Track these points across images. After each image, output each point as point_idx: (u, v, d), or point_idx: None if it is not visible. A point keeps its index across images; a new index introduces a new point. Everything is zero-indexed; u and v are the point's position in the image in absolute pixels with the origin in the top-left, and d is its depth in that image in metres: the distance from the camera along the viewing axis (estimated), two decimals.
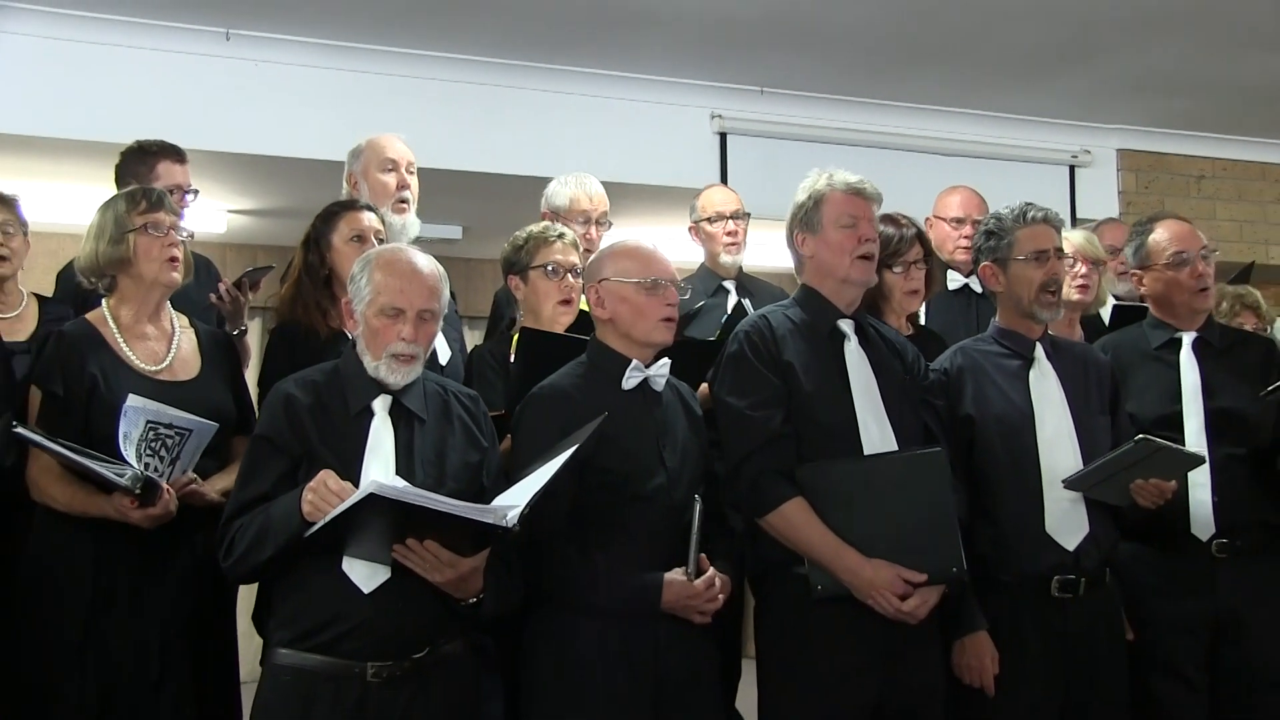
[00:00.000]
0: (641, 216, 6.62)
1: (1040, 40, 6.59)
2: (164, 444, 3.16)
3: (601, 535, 3.11)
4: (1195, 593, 3.65)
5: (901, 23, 6.31)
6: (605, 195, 4.65)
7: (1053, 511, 3.46)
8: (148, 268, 3.36)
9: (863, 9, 6.11)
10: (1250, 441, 3.73)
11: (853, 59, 6.81)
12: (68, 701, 3.18)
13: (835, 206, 3.37)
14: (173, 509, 3.14)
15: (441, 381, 3.21)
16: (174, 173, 4.38)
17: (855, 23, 6.29)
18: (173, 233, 3.40)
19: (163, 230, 3.38)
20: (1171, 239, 3.85)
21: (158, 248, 3.36)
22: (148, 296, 3.41)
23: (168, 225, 3.39)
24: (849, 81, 7.15)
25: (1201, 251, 3.84)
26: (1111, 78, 7.20)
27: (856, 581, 3.14)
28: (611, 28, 6.30)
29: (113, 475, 3.03)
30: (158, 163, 4.37)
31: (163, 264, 3.37)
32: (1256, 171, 8.47)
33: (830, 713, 3.19)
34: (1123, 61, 6.94)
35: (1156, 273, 3.86)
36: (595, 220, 4.53)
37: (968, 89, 7.32)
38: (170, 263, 3.38)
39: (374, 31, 6.27)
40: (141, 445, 3.11)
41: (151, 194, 3.47)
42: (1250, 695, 3.66)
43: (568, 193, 4.56)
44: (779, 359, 3.29)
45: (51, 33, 5.83)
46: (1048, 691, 3.43)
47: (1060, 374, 3.60)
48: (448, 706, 2.98)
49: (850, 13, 6.15)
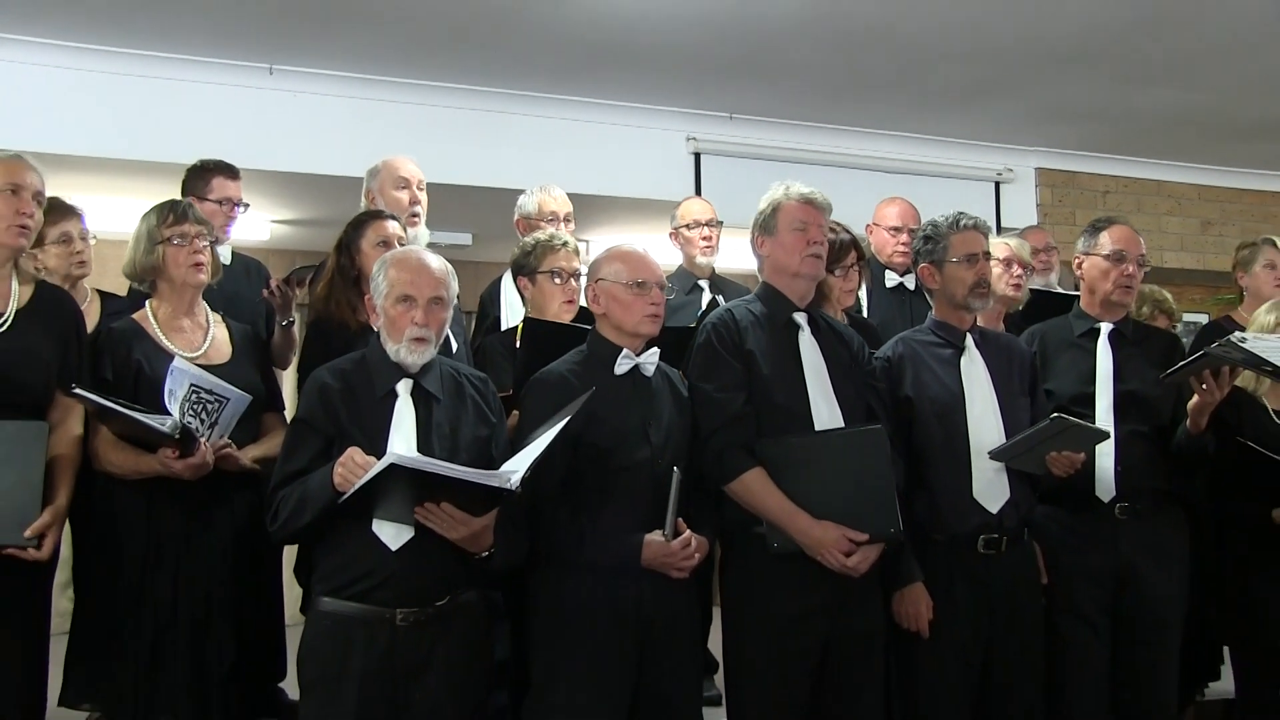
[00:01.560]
0: (626, 225, 6.64)
1: (969, 74, 6.65)
2: (205, 407, 3.17)
3: (591, 501, 3.12)
4: (1100, 548, 3.67)
5: (851, 58, 6.35)
6: (567, 198, 4.67)
7: (979, 480, 3.48)
8: (176, 272, 3.38)
9: (817, 47, 6.16)
10: (1152, 420, 3.74)
11: (808, 89, 6.85)
12: (128, 637, 3.19)
13: (790, 213, 3.40)
14: (209, 460, 3.15)
15: (455, 366, 3.23)
16: (227, 187, 4.42)
17: (810, 59, 6.34)
18: (197, 241, 3.40)
19: (188, 240, 3.38)
20: (1118, 239, 3.85)
21: (184, 255, 3.38)
22: (180, 295, 3.42)
23: (193, 235, 3.40)
24: (805, 108, 7.20)
25: (1138, 257, 3.86)
26: (1030, 107, 7.26)
27: (807, 540, 3.17)
28: (600, 62, 6.33)
29: (155, 423, 3.04)
30: (213, 178, 4.41)
31: (189, 269, 3.38)
32: (1152, 188, 8.58)
33: (784, 652, 3.22)
34: (1040, 93, 7.00)
35: (1095, 260, 3.87)
36: (563, 219, 4.55)
37: (907, 115, 7.35)
38: (195, 267, 3.39)
39: (395, 66, 6.33)
40: (185, 405, 3.12)
41: (178, 208, 3.47)
42: (1143, 634, 3.68)
43: (535, 200, 4.62)
44: (741, 347, 3.31)
45: (126, 70, 5.94)
46: (974, 634, 3.45)
47: (987, 361, 3.61)
48: (464, 647, 3.01)
49: (806, 50, 6.20)
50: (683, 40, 6.03)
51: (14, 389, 3.08)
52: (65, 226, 4.12)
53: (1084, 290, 3.97)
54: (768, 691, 3.24)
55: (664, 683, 3.15)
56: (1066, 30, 6.01)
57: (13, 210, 3.12)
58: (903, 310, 4.34)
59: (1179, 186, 8.67)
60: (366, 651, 2.88)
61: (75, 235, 4.13)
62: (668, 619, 3.16)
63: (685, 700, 3.24)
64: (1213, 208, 8.75)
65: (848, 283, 3.96)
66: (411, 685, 2.91)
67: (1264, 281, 4.73)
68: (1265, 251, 4.77)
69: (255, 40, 5.94)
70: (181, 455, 3.12)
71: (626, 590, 3.10)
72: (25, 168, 3.18)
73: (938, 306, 3.71)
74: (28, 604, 3.13)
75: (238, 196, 4.46)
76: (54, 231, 4.09)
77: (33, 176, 3.18)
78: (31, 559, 2.99)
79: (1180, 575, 3.75)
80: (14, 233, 3.14)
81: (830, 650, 3.24)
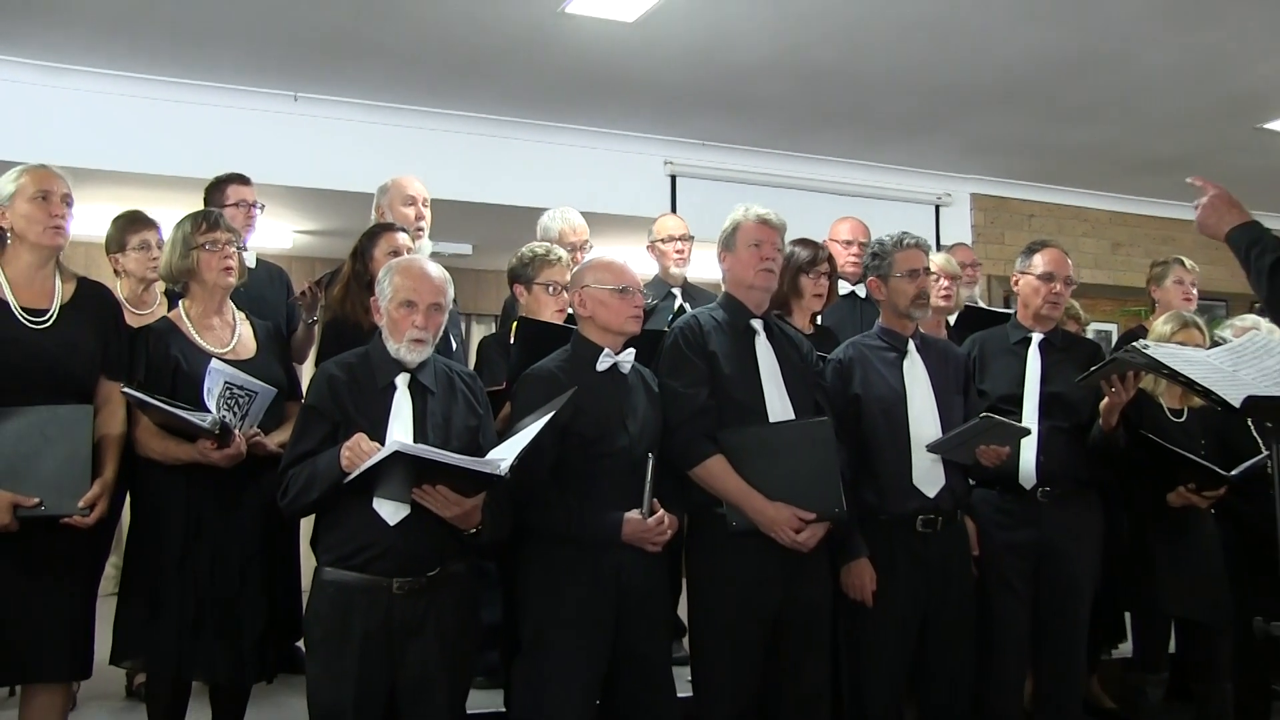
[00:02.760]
0: (610, 238, 6.60)
1: (913, 110, 6.69)
2: (237, 401, 3.14)
3: (576, 484, 3.10)
4: (1024, 527, 3.68)
5: (810, 94, 6.38)
6: (586, 225, 4.66)
7: (918, 468, 3.48)
8: (208, 275, 3.32)
9: (781, 84, 6.19)
10: (1072, 418, 3.74)
11: (772, 121, 6.87)
12: (172, 605, 3.16)
13: (747, 232, 3.39)
14: (243, 450, 3.13)
15: (449, 364, 3.20)
16: (241, 192, 4.46)
17: (775, 94, 6.37)
18: (227, 247, 3.35)
19: (218, 246, 3.33)
20: (1049, 261, 3.84)
21: (216, 259, 3.32)
22: (211, 296, 3.36)
23: (223, 241, 3.34)
24: (770, 137, 7.21)
25: (1065, 277, 3.84)
26: (966, 140, 7.32)
27: (762, 519, 3.16)
28: (587, 94, 6.34)
29: (198, 420, 3.02)
30: (228, 186, 4.46)
31: (219, 272, 3.33)
32: (1071, 213, 8.66)
33: (742, 617, 3.21)
34: (975, 128, 7.06)
35: (1029, 278, 3.86)
36: (579, 247, 4.52)
37: (859, 145, 7.37)
38: (225, 270, 3.34)
39: (404, 95, 6.33)
40: (220, 400, 3.10)
41: (210, 216, 3.41)
42: (1059, 602, 3.68)
43: (558, 226, 4.60)
44: (705, 349, 3.30)
45: (171, 97, 5.99)
46: (912, 603, 3.45)
47: (927, 364, 3.61)
48: (454, 612, 2.98)
49: (771, 86, 6.23)
50: (662, 76, 6.06)
51: (61, 378, 3.05)
52: (145, 235, 4.19)
53: (1019, 304, 3.97)
54: (727, 652, 3.23)
55: (639, 644, 3.14)
56: (998, 74, 6.07)
57: (46, 214, 3.08)
58: (853, 315, 4.32)
59: (1094, 212, 8.76)
60: (366, 615, 2.86)
61: (153, 243, 4.16)
62: (643, 587, 3.14)
63: (657, 659, 3.21)
64: (1122, 231, 8.84)
65: (817, 286, 3.97)
66: (406, 645, 2.89)
67: (1173, 295, 4.81)
68: (1174, 269, 4.87)
69: (282, 72, 5.97)
70: (219, 446, 3.10)
71: (607, 561, 3.08)
72: (52, 175, 3.14)
73: (884, 315, 3.70)
74: (79, 566, 3.11)
75: (252, 198, 4.48)
76: (135, 239, 4.19)
77: (59, 182, 3.14)
78: (82, 525, 2.97)
79: (1093, 551, 3.77)
80: (50, 234, 3.10)
81: (782, 616, 3.23)
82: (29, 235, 3.07)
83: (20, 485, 2.90)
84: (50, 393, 3.00)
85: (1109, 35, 5.53)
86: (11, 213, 3.07)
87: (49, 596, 3.00)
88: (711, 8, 5.17)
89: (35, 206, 3.07)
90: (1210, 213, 2.78)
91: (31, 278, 3.10)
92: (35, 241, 3.08)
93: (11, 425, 2.94)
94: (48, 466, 2.94)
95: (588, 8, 5.14)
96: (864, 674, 3.47)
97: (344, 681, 2.84)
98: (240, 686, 3.34)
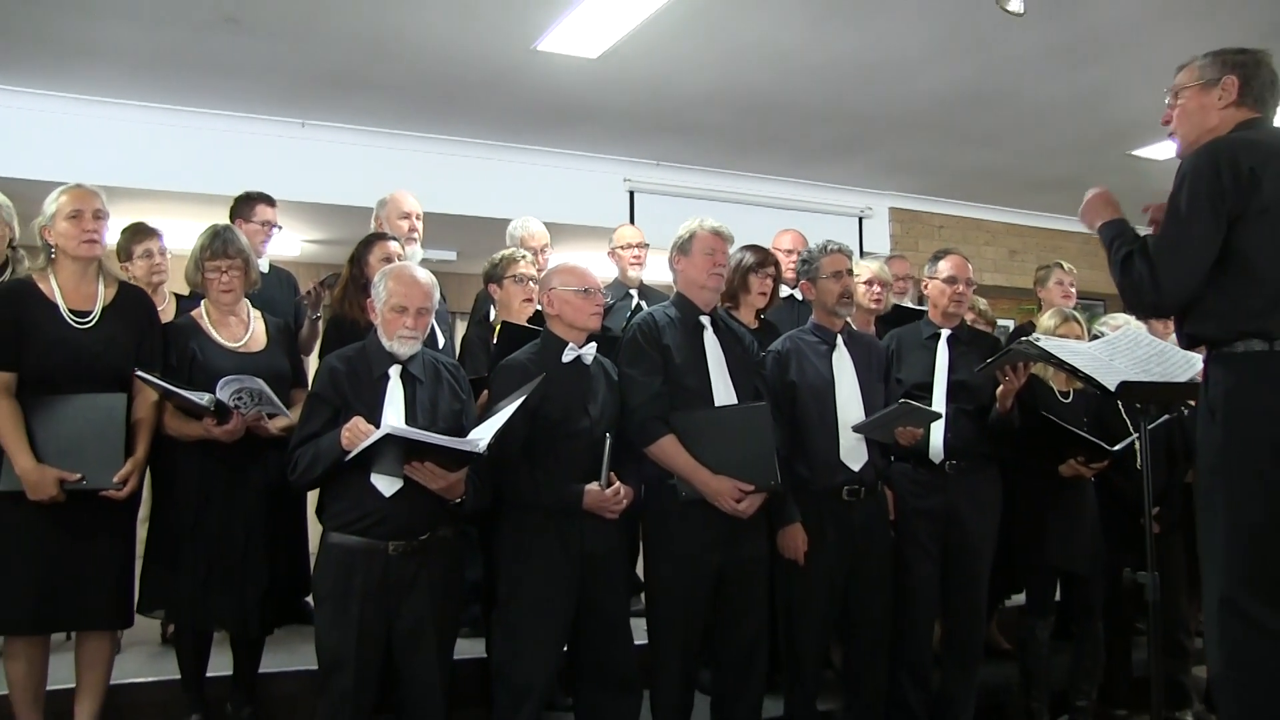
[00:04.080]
0: (575, 245, 6.61)
1: (839, 134, 6.72)
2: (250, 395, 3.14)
3: (544, 460, 3.07)
4: (934, 495, 3.67)
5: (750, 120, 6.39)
6: (546, 232, 4.66)
7: (845, 446, 3.47)
8: (211, 293, 3.34)
9: (725, 111, 6.20)
10: (975, 401, 3.74)
11: (718, 143, 6.87)
12: (186, 564, 3.17)
13: (702, 241, 3.36)
14: (240, 429, 3.13)
15: (436, 356, 3.17)
16: (266, 212, 4.43)
17: (720, 120, 6.38)
18: (230, 272, 3.31)
19: (220, 271, 3.31)
20: (952, 266, 3.83)
21: (215, 283, 3.31)
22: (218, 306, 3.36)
23: (224, 268, 3.31)
24: (714, 158, 7.22)
25: (966, 279, 3.84)
26: (885, 161, 7.36)
27: (707, 490, 3.14)
28: (557, 120, 6.34)
29: (196, 399, 3.04)
30: (257, 205, 4.43)
31: (220, 293, 3.31)
32: (974, 224, 8.72)
33: (691, 575, 3.20)
34: (892, 150, 7.10)
35: (936, 282, 3.85)
36: (539, 250, 4.53)
37: (793, 164, 7.38)
38: (224, 292, 3.31)
39: (398, 122, 6.33)
40: (244, 393, 3.11)
41: (215, 244, 3.34)
42: (963, 559, 3.69)
43: (519, 233, 4.62)
44: (659, 342, 3.27)
45: (194, 124, 6.02)
46: (839, 562, 3.46)
47: (852, 355, 3.60)
48: (442, 571, 2.98)
49: (716, 113, 6.24)
50: (622, 104, 6.06)
51: (101, 370, 3.05)
52: (148, 245, 4.14)
53: (930, 304, 3.97)
54: (677, 605, 3.22)
55: (600, 599, 3.13)
56: (912, 104, 6.10)
57: (80, 230, 3.08)
58: (792, 314, 4.29)
59: (993, 224, 8.80)
60: (366, 574, 2.86)
61: (155, 252, 4.14)
62: (602, 550, 3.13)
63: (617, 612, 3.20)
64: (1017, 240, 8.89)
65: (763, 285, 3.94)
66: (401, 600, 2.90)
67: (1055, 294, 4.83)
68: (1055, 272, 4.89)
69: (291, 101, 5.95)
70: (219, 423, 3.10)
71: (570, 528, 3.07)
72: (85, 194, 3.12)
73: (815, 313, 3.68)
74: (119, 530, 3.12)
75: (274, 220, 4.46)
76: (139, 249, 4.13)
77: (92, 200, 3.12)
78: (117, 498, 3.01)
79: (992, 515, 3.76)
80: (85, 247, 3.09)
81: (725, 574, 3.23)
82: (68, 249, 3.09)
83: (65, 462, 2.95)
84: (92, 383, 3.03)
85: (1005, 72, 5.59)
86: (54, 230, 3.09)
87: (96, 557, 3.03)
88: (664, 46, 5.18)
89: (71, 224, 3.08)
90: (1089, 208, 2.78)
91: (76, 284, 3.11)
92: (73, 254, 3.09)
93: (59, 411, 2.99)
94: (89, 446, 2.98)
95: (556, 46, 5.14)
96: (796, 623, 3.46)
97: (347, 630, 2.85)
98: (244, 636, 3.35)
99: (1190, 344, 2.66)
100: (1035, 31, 4.97)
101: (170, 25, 4.87)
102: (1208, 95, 2.60)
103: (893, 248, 7.95)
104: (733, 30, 5.03)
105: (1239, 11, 4.71)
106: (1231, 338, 2.48)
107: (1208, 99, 2.60)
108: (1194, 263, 2.46)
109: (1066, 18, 4.88)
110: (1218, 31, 3.00)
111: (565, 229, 6.46)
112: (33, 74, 5.43)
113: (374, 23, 4.87)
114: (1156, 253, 2.49)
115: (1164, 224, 2.51)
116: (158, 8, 4.69)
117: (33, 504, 2.92)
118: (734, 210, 6.79)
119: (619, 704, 3.15)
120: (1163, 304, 2.53)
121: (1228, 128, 2.56)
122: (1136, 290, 2.52)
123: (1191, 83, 2.64)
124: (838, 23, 4.96)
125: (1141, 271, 2.49)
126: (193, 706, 3.34)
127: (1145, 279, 2.48)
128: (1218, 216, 2.43)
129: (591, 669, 3.17)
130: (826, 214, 7.70)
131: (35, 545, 2.95)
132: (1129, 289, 2.54)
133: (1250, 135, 2.52)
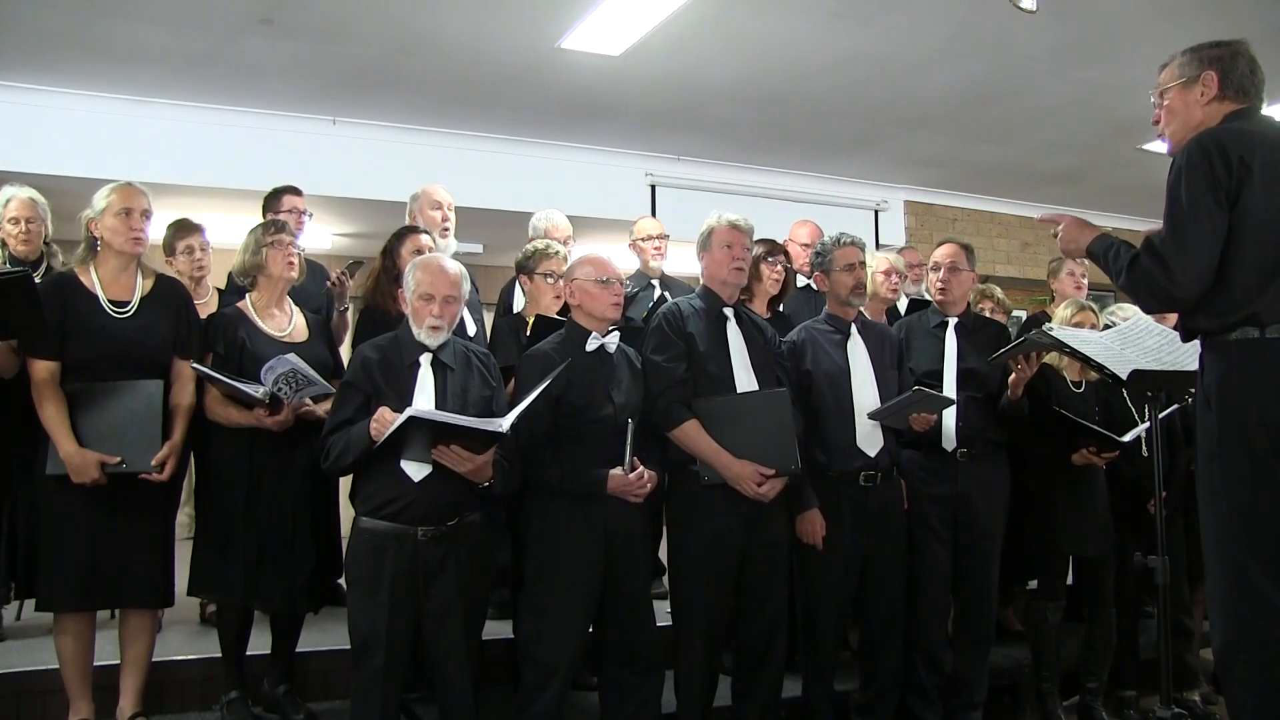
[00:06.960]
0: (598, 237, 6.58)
1: (856, 130, 6.69)
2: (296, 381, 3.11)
3: (569, 445, 3.07)
4: (945, 482, 3.64)
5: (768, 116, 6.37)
6: (569, 224, 4.61)
7: (860, 432, 3.45)
8: (274, 269, 3.32)
9: (744, 107, 6.18)
10: (984, 389, 3.71)
11: (736, 139, 6.85)
12: (239, 547, 3.17)
13: (721, 235, 3.35)
14: (291, 419, 3.13)
15: (466, 344, 3.16)
16: (294, 201, 4.45)
17: (738, 117, 6.37)
18: (291, 246, 3.36)
19: (284, 245, 3.34)
20: (938, 254, 3.82)
21: (281, 256, 3.32)
22: (275, 289, 3.35)
23: (287, 242, 3.35)
24: (733, 153, 7.18)
25: (950, 265, 3.78)
26: (900, 155, 7.31)
27: (729, 474, 3.13)
28: (582, 116, 6.33)
29: (252, 391, 3.04)
30: (283, 196, 4.45)
31: (284, 265, 3.32)
32: (987, 217, 8.66)
33: (713, 558, 3.19)
34: (908, 145, 7.06)
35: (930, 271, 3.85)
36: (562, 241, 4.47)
37: (810, 159, 7.35)
38: (289, 264, 3.34)
39: (427, 119, 6.32)
40: (281, 379, 3.08)
41: (278, 223, 3.45)
42: (974, 544, 3.67)
43: (544, 225, 4.54)
44: (684, 331, 3.26)
45: (231, 123, 6.04)
46: (855, 545, 3.44)
47: (867, 344, 3.57)
48: (470, 555, 2.97)
49: (735, 109, 6.22)
50: (643, 101, 6.05)
51: (140, 357, 3.08)
52: (190, 240, 4.14)
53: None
54: (700, 588, 3.21)
55: (623, 581, 3.12)
56: (926, 100, 6.07)
57: (127, 227, 3.12)
58: (809, 305, 4.26)
59: (1006, 217, 8.74)
60: (396, 558, 2.85)
61: (197, 247, 4.14)
62: (626, 533, 3.12)
63: (640, 594, 3.20)
64: (1029, 233, 8.80)
65: (774, 273, 3.93)
66: (429, 584, 2.89)
67: (1067, 285, 4.77)
68: (1067, 264, 4.82)
69: (323, 100, 5.96)
70: (271, 413, 3.10)
71: (595, 512, 3.07)
72: (135, 193, 3.16)
73: (829, 303, 3.66)
74: (158, 513, 3.15)
75: (303, 207, 4.47)
76: (182, 244, 4.14)
77: (140, 199, 3.15)
78: (155, 480, 3.03)
79: (1002, 501, 3.74)
80: (131, 243, 3.13)
81: (746, 556, 3.22)
82: (114, 244, 3.12)
83: (106, 446, 2.96)
84: (131, 370, 3.05)
85: (1017, 69, 5.56)
86: (101, 224, 3.12)
87: (138, 539, 3.05)
88: (685, 44, 5.17)
89: (119, 221, 3.10)
90: (1068, 237, 2.73)
91: (117, 276, 3.14)
92: (119, 250, 3.12)
93: (100, 398, 3.00)
94: (128, 431, 2.99)
95: (579, 44, 5.13)
96: (815, 604, 3.45)
97: (378, 612, 2.84)
98: (293, 615, 3.36)
99: (1188, 335, 2.62)
100: (1046, 29, 4.95)
101: (207, 28, 4.89)
102: (1190, 92, 2.56)
103: (908, 240, 7.91)
104: (751, 29, 5.02)
105: (1244, 8, 4.65)
106: (1226, 327, 2.44)
107: (1190, 96, 2.56)
108: (1206, 251, 2.41)
109: (1077, 16, 4.86)
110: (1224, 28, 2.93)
111: (589, 222, 6.46)
112: (76, 75, 5.46)
113: (402, 23, 4.87)
114: (1165, 249, 2.44)
115: (1167, 220, 2.47)
116: (196, 12, 4.71)
117: (77, 487, 2.94)
118: (753, 204, 6.71)
119: (642, 683, 3.15)
120: (1180, 297, 2.46)
121: (1215, 121, 2.52)
122: (1151, 288, 2.46)
123: (1173, 82, 2.59)
124: (853, 21, 4.95)
125: (1153, 270, 2.44)
126: (232, 683, 3.35)
127: (1159, 276, 2.43)
128: (1219, 203, 2.39)
129: (615, 649, 3.17)
130: (843, 207, 7.65)
131: (80, 526, 2.97)
132: (1143, 289, 2.49)
133: (1237, 125, 2.48)
